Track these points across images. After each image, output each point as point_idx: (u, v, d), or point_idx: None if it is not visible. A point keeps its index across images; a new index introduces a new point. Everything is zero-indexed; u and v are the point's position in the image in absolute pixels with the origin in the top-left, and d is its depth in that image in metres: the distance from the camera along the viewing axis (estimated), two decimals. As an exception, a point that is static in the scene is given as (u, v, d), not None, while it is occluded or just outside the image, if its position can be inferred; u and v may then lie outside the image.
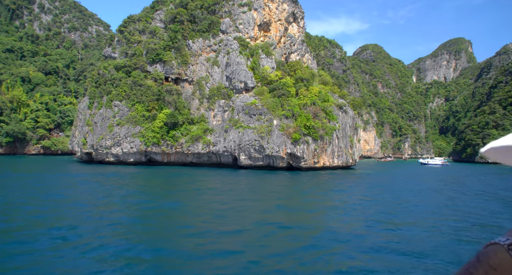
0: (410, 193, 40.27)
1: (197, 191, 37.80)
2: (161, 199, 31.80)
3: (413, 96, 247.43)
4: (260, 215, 24.71)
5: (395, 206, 30.08)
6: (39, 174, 51.94)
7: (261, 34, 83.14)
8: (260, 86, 75.76)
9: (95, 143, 76.30)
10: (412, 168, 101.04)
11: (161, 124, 73.91)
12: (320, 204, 31.18)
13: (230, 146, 70.94)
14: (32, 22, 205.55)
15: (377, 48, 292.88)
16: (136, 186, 41.30)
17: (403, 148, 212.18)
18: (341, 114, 77.04)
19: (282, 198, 34.15)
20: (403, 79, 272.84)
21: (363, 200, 33.54)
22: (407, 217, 25.12)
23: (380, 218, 24.33)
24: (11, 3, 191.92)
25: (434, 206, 30.56)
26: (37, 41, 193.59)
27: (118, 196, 32.47)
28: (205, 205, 28.87)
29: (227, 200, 31.41)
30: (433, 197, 37.24)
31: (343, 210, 27.75)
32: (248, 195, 35.49)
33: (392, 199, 34.50)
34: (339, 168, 76.75)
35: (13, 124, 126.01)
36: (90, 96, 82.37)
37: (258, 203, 30.10)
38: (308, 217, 24.82)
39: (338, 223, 22.77)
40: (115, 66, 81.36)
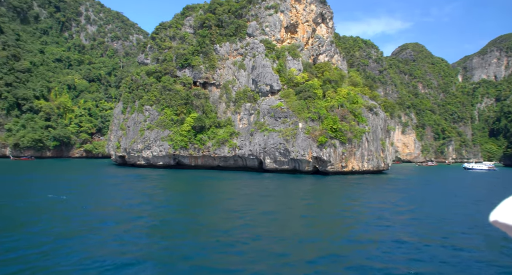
0: (443, 203, 36.99)
1: (209, 196, 37.77)
2: (179, 204, 32.01)
3: (458, 97, 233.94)
4: (280, 226, 23.22)
5: (423, 223, 25.52)
6: (80, 177, 54.58)
7: (288, 36, 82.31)
8: (286, 89, 74.91)
9: (128, 147, 79.13)
10: (454, 173, 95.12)
11: (189, 128, 75.16)
12: (339, 214, 28.61)
13: (256, 149, 70.60)
14: (79, 33, 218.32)
15: (417, 47, 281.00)
16: (161, 191, 42.07)
17: (447, 151, 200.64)
18: (371, 116, 74.17)
19: (305, 208, 31.91)
20: (447, 79, 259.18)
21: (386, 210, 31.40)
22: (434, 234, 21.77)
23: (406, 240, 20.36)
24: (61, 16, 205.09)
25: (469, 224, 25.50)
26: (83, 50, 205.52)
27: (140, 201, 33.16)
28: (212, 214, 28.65)
29: (240, 208, 30.94)
30: (471, 210, 32.51)
31: (363, 225, 24.53)
32: (261, 202, 34.83)
33: (420, 213, 29.66)
34: (369, 173, 73.81)
35: (60, 129, 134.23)
36: (124, 102, 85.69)
37: (280, 210, 28.86)
38: (327, 231, 22.49)
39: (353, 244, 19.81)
40: (146, 72, 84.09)
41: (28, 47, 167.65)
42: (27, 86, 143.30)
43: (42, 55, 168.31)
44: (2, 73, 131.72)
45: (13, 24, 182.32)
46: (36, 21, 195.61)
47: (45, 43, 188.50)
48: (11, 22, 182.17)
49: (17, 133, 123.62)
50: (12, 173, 58.72)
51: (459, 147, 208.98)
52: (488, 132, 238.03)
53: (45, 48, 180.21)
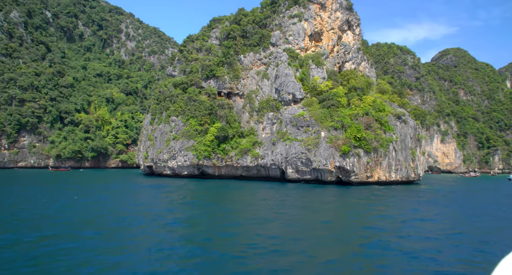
0: (477, 221, 31.63)
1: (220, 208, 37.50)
2: (202, 217, 32.06)
3: (505, 104, 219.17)
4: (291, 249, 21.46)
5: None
6: (110, 185, 56.68)
7: (312, 44, 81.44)
8: (309, 98, 73.80)
9: (155, 157, 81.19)
10: (496, 185, 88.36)
11: (212, 138, 75.85)
12: (353, 234, 25.11)
13: (277, 159, 69.76)
14: (120, 49, 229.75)
15: (459, 52, 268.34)
16: (181, 199, 42.54)
17: (492, 161, 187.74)
18: (399, 124, 71.02)
19: (321, 229, 27.15)
20: (492, 85, 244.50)
21: (405, 231, 29.55)
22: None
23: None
24: (103, 34, 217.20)
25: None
26: (123, 65, 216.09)
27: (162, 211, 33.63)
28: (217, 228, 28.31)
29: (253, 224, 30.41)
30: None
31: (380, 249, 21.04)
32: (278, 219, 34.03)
33: (448, 234, 25.19)
34: (398, 183, 70.36)
35: (97, 141, 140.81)
36: (152, 113, 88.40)
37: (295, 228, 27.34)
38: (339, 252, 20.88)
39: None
40: (173, 83, 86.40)
41: (72, 63, 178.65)
42: (70, 100, 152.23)
43: (84, 71, 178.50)
44: (48, 89, 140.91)
45: (60, 42, 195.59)
46: (81, 39, 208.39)
47: (88, 59, 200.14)
48: (59, 41, 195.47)
49: (59, 145, 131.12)
50: (49, 183, 62.13)
51: (506, 156, 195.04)
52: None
53: (87, 64, 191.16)
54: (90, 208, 33.06)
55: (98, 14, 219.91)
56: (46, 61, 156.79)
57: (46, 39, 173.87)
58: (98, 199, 39.56)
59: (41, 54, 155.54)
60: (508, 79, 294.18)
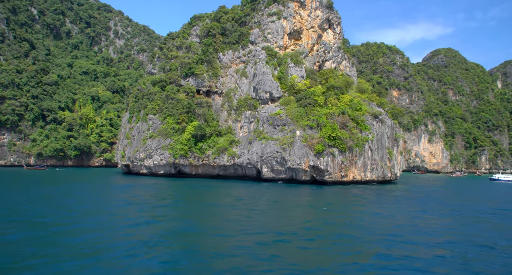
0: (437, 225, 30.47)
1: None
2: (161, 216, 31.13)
3: (493, 104, 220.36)
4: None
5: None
6: (72, 185, 55.46)
7: (291, 42, 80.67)
8: (287, 96, 73.03)
9: (131, 155, 79.99)
10: (477, 185, 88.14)
11: (189, 137, 74.81)
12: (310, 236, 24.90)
13: (253, 158, 68.93)
14: (108, 47, 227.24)
15: (450, 53, 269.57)
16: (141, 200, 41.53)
17: (479, 161, 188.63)
18: (375, 124, 70.52)
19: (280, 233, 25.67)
20: (482, 85, 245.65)
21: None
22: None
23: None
24: (91, 32, 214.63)
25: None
26: (111, 63, 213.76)
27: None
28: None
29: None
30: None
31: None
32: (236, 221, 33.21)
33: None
34: (374, 183, 69.88)
35: (81, 139, 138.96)
36: (130, 111, 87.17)
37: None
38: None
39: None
40: (152, 81, 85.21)
41: (57, 61, 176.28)
42: (54, 98, 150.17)
43: (69, 68, 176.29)
44: (30, 87, 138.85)
45: (46, 40, 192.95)
46: (68, 36, 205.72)
47: (76, 57, 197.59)
48: (45, 38, 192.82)
49: (40, 143, 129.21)
50: (8, 182, 60.75)
51: (493, 156, 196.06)
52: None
53: (74, 62, 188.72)
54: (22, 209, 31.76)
55: (86, 11, 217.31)
56: (29, 58, 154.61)
57: (31, 36, 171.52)
58: (41, 199, 38.37)
59: (24, 51, 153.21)
60: (499, 79, 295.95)
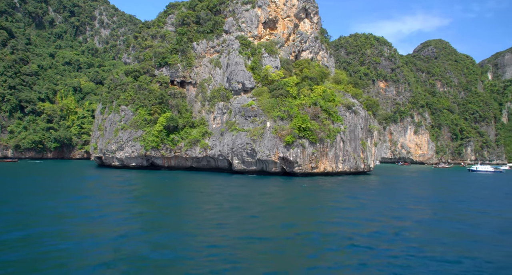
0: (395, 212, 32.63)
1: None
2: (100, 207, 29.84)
3: (481, 95, 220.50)
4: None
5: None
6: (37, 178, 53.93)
7: (266, 32, 78.91)
8: (260, 87, 71.59)
9: (103, 147, 78.37)
10: (453, 176, 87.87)
11: (161, 128, 73.28)
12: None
13: (224, 150, 67.73)
14: (93, 36, 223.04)
15: (440, 44, 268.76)
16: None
17: (465, 152, 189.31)
18: (348, 115, 69.48)
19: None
20: (471, 76, 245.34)
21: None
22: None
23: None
24: (75, 21, 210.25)
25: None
26: (96, 53, 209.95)
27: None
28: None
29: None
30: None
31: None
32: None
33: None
34: (346, 174, 69.13)
35: (61, 131, 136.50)
36: (103, 102, 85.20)
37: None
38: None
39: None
40: (125, 71, 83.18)
41: (38, 51, 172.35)
42: (34, 89, 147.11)
43: (51, 58, 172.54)
44: (7, 76, 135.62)
45: (28, 29, 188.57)
46: (51, 26, 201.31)
47: (59, 47, 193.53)
48: (27, 27, 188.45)
49: (18, 135, 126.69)
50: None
51: (479, 148, 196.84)
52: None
53: (57, 52, 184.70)
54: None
55: (70, 0, 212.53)
56: (7, 47, 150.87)
57: (11, 24, 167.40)
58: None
59: (2, 40, 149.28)
60: (489, 71, 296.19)
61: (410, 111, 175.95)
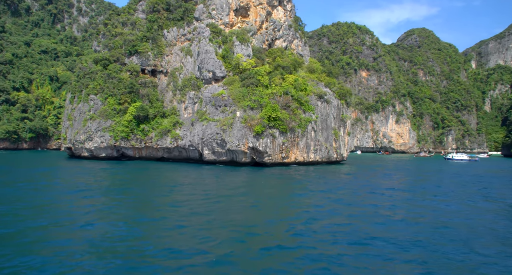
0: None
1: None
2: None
3: (463, 84, 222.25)
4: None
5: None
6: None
7: (238, 19, 77.20)
8: (231, 76, 70.25)
9: (72, 138, 76.47)
10: (428, 164, 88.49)
11: (131, 118, 71.68)
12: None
13: (195, 140, 66.62)
14: (72, 24, 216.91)
15: (424, 33, 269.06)
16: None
17: (446, 141, 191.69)
18: (320, 104, 68.83)
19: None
20: (453, 65, 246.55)
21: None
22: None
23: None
24: (53, 8, 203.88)
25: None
26: (75, 42, 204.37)
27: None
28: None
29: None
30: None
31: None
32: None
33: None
34: (319, 164, 68.84)
35: (36, 121, 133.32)
36: (72, 91, 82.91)
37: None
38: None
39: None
40: (94, 59, 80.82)
41: (12, 39, 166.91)
42: (8, 78, 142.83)
43: (26, 47, 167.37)
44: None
45: (4, 16, 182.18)
46: (28, 13, 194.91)
47: (36, 35, 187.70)
48: (2, 15, 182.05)
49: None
50: None
51: (460, 136, 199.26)
52: (501, 121, 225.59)
53: (33, 40, 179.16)
54: None
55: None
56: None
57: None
58: None
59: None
60: (473, 59, 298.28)
61: (391, 100, 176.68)
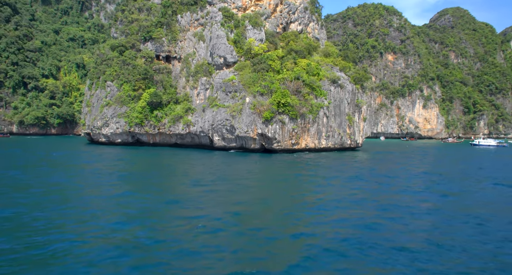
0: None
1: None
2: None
3: (498, 66, 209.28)
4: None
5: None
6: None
7: (252, 3, 75.53)
8: (243, 61, 69.37)
9: (90, 124, 78.79)
10: (452, 150, 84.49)
11: (144, 104, 72.73)
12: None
13: (205, 126, 66.85)
14: (99, 12, 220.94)
15: (458, 12, 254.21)
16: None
17: (477, 126, 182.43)
18: (333, 89, 66.84)
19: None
20: (489, 46, 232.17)
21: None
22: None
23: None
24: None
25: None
26: (102, 30, 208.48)
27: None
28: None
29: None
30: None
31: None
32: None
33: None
34: (331, 150, 67.43)
35: (63, 107, 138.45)
36: (90, 78, 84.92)
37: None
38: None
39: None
40: (111, 46, 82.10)
41: (42, 27, 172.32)
42: (37, 65, 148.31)
43: (55, 35, 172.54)
44: (9, 53, 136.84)
45: (35, 5, 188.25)
46: (57, 1, 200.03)
47: (65, 23, 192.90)
48: (33, 3, 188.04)
49: (22, 111, 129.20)
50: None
51: (494, 121, 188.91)
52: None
53: (62, 28, 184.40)
54: None
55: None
56: (11, 23, 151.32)
57: (16, 0, 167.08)
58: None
59: (5, 16, 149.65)
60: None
61: (419, 84, 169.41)
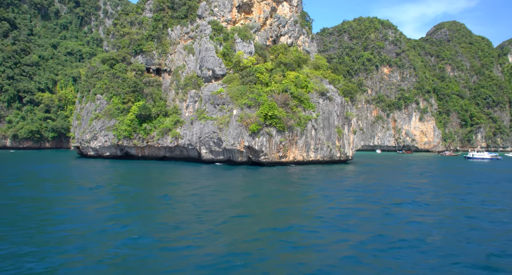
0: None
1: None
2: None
3: (495, 79, 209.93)
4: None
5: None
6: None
7: (241, 16, 76.00)
8: (231, 74, 69.28)
9: (80, 137, 78.31)
10: (446, 164, 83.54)
11: (133, 117, 72.35)
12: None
13: (193, 139, 66.26)
14: (98, 27, 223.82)
15: (455, 26, 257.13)
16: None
17: (474, 139, 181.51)
18: (321, 101, 66.44)
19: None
20: (486, 59, 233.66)
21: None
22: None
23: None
24: (80, 11, 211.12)
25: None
26: (101, 44, 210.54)
27: None
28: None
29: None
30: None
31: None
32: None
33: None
34: (320, 163, 66.53)
35: (58, 121, 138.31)
36: (81, 91, 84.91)
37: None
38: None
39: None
40: (102, 59, 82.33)
41: (40, 41, 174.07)
42: (34, 79, 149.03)
43: (52, 49, 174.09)
44: (5, 67, 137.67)
45: (34, 20, 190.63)
46: (57, 16, 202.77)
47: (64, 37, 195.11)
48: (33, 19, 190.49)
49: (16, 125, 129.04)
50: None
51: (491, 134, 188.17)
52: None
53: (61, 42, 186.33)
54: None
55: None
56: (9, 38, 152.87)
57: (17, 16, 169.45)
58: None
59: (3, 31, 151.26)
60: (510, 53, 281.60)
61: (415, 97, 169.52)
